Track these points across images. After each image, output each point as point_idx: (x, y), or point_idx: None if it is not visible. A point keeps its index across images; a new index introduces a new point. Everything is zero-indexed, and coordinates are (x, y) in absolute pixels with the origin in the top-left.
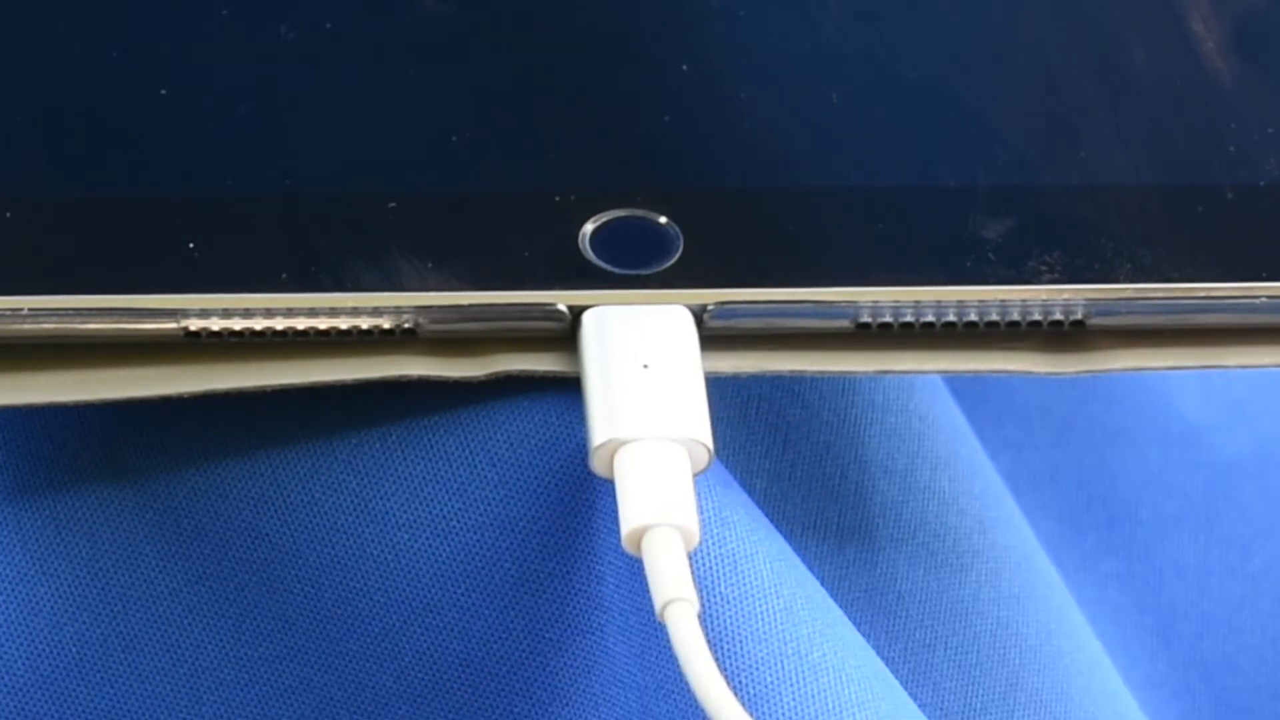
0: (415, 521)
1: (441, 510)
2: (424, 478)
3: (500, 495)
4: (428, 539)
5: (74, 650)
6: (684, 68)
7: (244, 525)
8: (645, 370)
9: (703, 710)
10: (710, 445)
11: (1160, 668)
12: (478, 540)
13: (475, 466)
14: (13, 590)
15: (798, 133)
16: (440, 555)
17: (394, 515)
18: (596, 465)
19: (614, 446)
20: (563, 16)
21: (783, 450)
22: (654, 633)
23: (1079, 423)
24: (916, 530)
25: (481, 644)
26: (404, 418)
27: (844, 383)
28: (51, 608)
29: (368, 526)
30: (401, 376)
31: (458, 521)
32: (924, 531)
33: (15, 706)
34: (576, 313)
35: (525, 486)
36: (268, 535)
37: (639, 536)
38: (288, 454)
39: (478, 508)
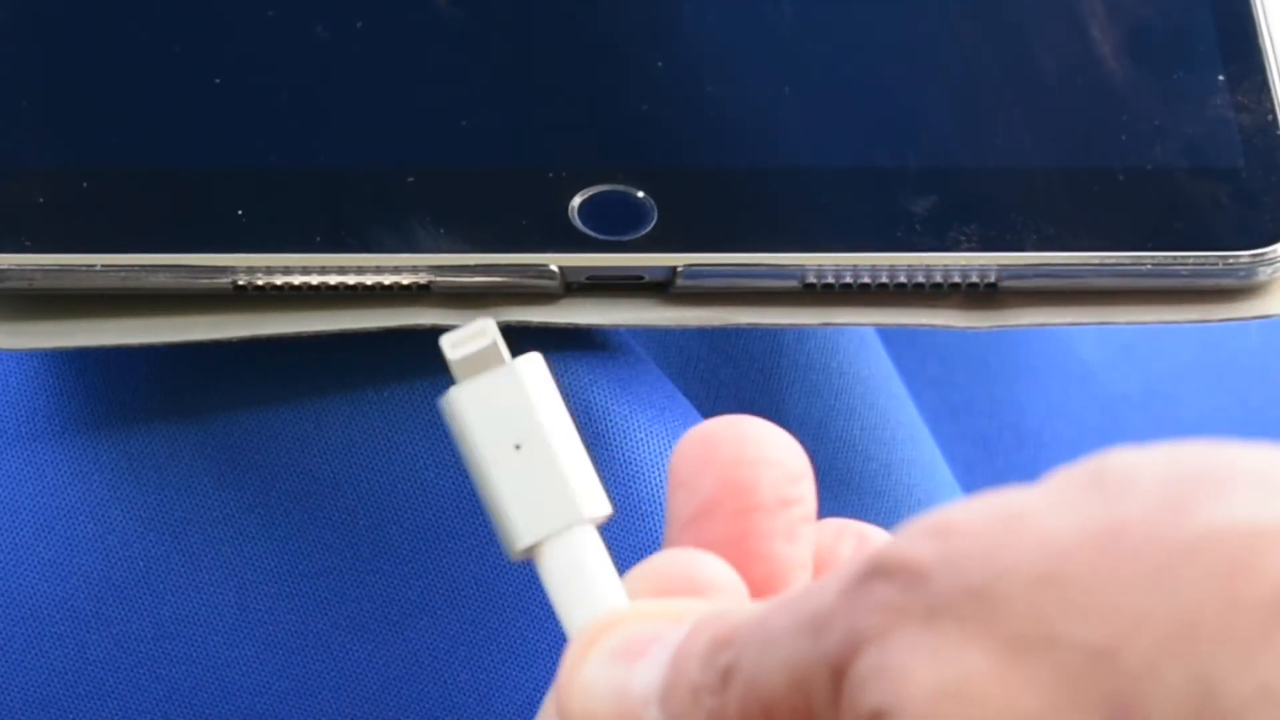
0: (439, 462)
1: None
2: (444, 426)
3: None
4: (451, 477)
5: (142, 564)
6: (659, 65)
7: (290, 461)
8: (518, 452)
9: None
10: (606, 502)
11: None
12: None
13: None
14: (91, 512)
15: (755, 121)
16: (461, 491)
17: (421, 457)
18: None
19: (524, 555)
20: (558, 25)
21: (712, 405)
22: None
23: (992, 361)
24: (824, 475)
25: (494, 567)
26: (426, 375)
27: (772, 345)
28: (124, 528)
29: (398, 465)
30: (416, 325)
31: None
32: (831, 476)
33: (92, 610)
34: (565, 271)
35: None
36: (311, 470)
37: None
38: (329, 403)
39: None
